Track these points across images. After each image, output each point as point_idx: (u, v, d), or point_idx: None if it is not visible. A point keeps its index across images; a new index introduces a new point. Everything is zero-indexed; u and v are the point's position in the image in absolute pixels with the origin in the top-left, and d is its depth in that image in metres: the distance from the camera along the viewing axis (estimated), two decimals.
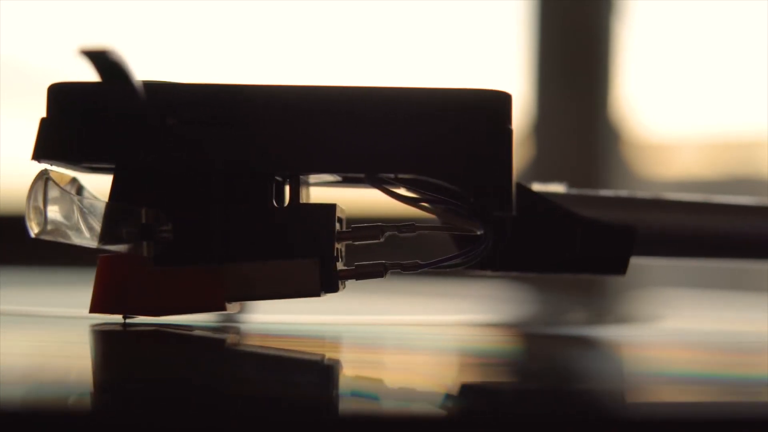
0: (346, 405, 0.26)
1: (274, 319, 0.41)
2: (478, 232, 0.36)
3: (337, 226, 0.35)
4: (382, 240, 0.36)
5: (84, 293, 0.36)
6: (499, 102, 0.35)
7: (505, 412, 0.25)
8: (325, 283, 0.35)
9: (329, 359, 0.34)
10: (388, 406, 0.26)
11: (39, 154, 0.35)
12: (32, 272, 0.75)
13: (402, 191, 0.36)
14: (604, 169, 1.19)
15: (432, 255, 0.36)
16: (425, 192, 0.36)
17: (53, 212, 0.35)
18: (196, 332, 0.37)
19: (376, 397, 0.27)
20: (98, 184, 0.36)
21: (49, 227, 0.35)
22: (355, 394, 0.27)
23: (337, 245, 0.35)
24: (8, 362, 0.30)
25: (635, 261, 0.39)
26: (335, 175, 0.37)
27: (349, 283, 0.36)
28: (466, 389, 0.28)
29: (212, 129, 0.35)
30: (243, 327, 0.40)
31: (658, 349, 0.39)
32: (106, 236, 0.35)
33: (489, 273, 0.39)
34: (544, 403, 0.27)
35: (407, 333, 0.41)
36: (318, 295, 0.35)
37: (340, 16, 1.19)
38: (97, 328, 0.36)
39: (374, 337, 0.40)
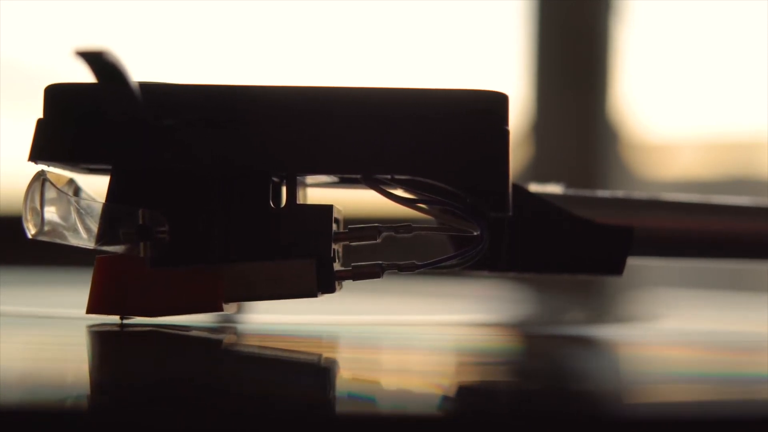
0: (343, 406, 0.26)
1: (271, 320, 0.41)
2: (475, 233, 0.36)
3: (334, 226, 0.35)
4: (378, 241, 0.36)
5: (81, 294, 0.36)
6: (496, 103, 0.35)
7: (504, 413, 0.25)
8: (322, 283, 0.35)
9: (326, 360, 0.34)
10: (385, 407, 0.26)
11: (36, 155, 0.35)
12: (29, 273, 0.75)
13: (399, 192, 0.36)
14: (603, 169, 1.19)
15: (429, 255, 0.36)
16: (422, 193, 0.35)
17: (50, 213, 0.35)
18: (194, 333, 0.37)
19: (373, 399, 0.27)
20: (95, 185, 0.36)
21: (46, 228, 0.35)
22: (352, 396, 0.27)
23: (334, 246, 0.35)
24: (5, 363, 0.30)
25: (633, 261, 0.39)
26: (332, 176, 0.37)
27: (347, 283, 0.36)
28: (464, 390, 0.28)
29: (209, 130, 0.35)
30: (240, 327, 0.39)
31: (657, 348, 0.39)
32: (103, 237, 0.35)
33: (486, 273, 0.39)
34: (543, 403, 0.27)
35: (405, 333, 0.41)
36: (315, 295, 0.35)
37: (339, 16, 1.19)
38: (94, 328, 0.36)
39: (371, 338, 0.40)
